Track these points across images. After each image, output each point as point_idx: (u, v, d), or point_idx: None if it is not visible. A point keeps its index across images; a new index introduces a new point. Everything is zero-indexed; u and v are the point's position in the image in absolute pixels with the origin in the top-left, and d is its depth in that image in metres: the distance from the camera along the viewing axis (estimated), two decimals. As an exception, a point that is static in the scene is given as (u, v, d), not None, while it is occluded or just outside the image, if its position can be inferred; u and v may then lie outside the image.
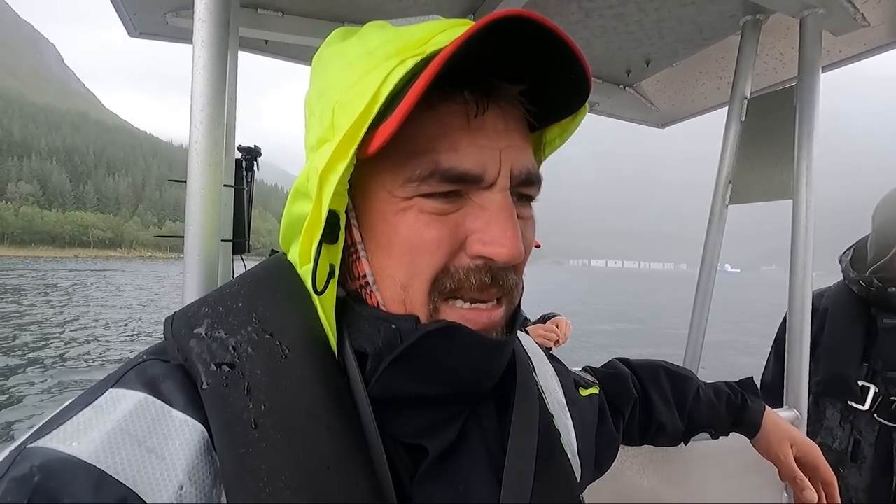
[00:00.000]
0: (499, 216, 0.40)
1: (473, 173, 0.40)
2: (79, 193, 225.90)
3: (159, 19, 1.37)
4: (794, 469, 0.82)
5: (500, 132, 0.41)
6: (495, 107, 0.41)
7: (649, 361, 0.89)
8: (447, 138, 0.40)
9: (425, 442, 0.43)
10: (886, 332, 1.42)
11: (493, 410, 0.49)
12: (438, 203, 0.41)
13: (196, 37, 0.71)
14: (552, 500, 0.48)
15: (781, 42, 1.50)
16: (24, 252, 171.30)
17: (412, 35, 0.41)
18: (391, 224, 0.41)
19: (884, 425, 1.37)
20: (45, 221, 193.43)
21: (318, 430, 0.38)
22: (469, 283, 0.41)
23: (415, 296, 0.41)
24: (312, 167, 0.42)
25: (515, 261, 0.41)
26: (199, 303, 0.44)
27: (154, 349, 0.43)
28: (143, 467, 0.34)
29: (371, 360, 0.42)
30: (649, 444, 0.86)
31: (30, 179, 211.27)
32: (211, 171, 0.71)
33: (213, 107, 0.71)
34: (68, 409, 0.37)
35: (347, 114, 0.39)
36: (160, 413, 0.37)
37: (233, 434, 0.36)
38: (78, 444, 0.33)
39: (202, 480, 0.35)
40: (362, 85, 0.40)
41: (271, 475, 0.35)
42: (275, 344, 0.41)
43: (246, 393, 0.38)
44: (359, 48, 0.43)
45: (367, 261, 0.43)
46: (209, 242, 0.72)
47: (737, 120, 1.43)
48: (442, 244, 0.41)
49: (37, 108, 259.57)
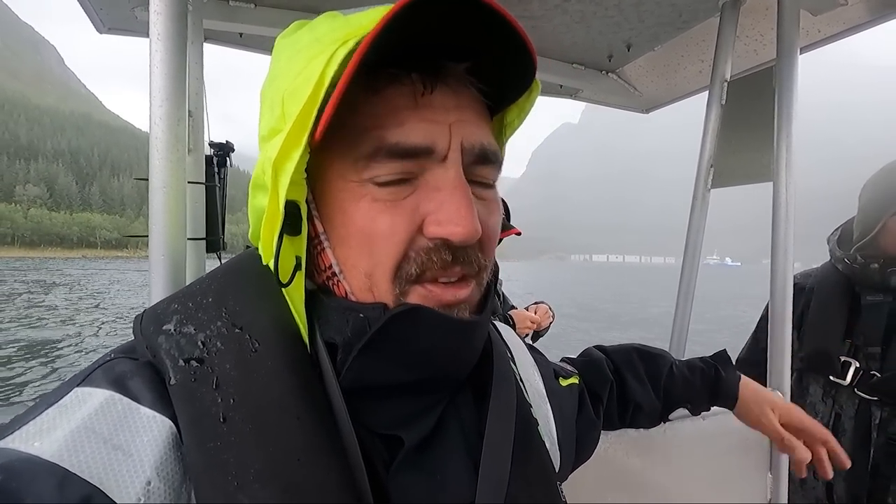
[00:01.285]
0: (452, 195, 0.40)
1: (422, 146, 0.40)
2: (85, 195, 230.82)
3: (127, 14, 1.33)
4: (780, 430, 0.82)
5: (450, 108, 0.41)
6: (444, 86, 0.41)
7: (623, 345, 0.89)
8: (394, 116, 0.40)
9: (400, 432, 0.43)
10: (869, 309, 1.45)
11: (472, 400, 0.49)
12: (391, 187, 0.40)
13: (152, 30, 0.69)
14: (530, 487, 0.48)
15: (761, 23, 1.49)
16: (34, 253, 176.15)
17: (359, 21, 0.41)
18: (348, 214, 0.41)
19: (863, 399, 1.40)
20: (53, 223, 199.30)
21: (288, 422, 0.38)
22: (432, 263, 0.41)
23: (380, 284, 0.41)
24: (266, 158, 0.41)
25: (471, 239, 0.40)
26: (169, 300, 0.44)
27: (122, 348, 0.42)
28: (108, 465, 0.33)
29: (341, 350, 0.42)
30: (629, 426, 0.86)
31: (37, 182, 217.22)
32: (172, 167, 0.69)
33: (173, 102, 0.69)
34: (32, 410, 0.36)
35: (296, 100, 0.39)
36: (127, 410, 0.36)
37: (201, 428, 0.36)
38: (40, 443, 0.33)
39: (171, 476, 0.35)
40: (308, 70, 0.39)
41: (240, 468, 0.35)
42: (244, 338, 0.40)
43: (214, 387, 0.37)
44: (308, 36, 0.43)
45: (331, 251, 0.43)
46: (174, 241, 0.71)
47: (717, 103, 1.43)
48: (397, 231, 0.40)
49: (41, 111, 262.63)
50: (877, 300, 1.44)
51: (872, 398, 1.38)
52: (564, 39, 1.66)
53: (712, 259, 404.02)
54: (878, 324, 1.42)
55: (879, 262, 1.43)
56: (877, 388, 1.37)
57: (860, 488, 1.38)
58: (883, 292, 1.43)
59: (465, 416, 0.48)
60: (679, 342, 1.53)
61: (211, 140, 1.05)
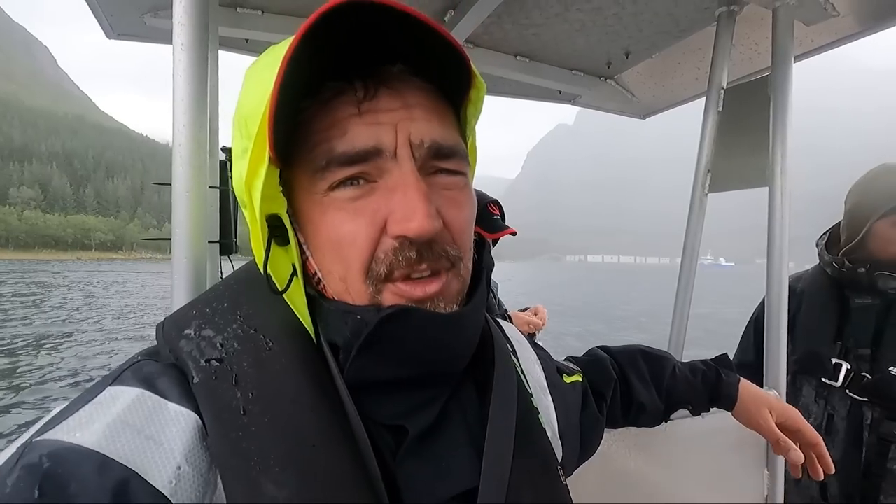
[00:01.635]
0: (405, 193, 0.41)
1: (367, 148, 0.41)
2: (79, 197, 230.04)
3: (137, 20, 1.35)
4: (776, 432, 0.85)
5: (395, 108, 0.42)
6: (387, 89, 0.43)
7: (627, 346, 0.92)
8: (338, 126, 0.42)
9: (405, 422, 0.45)
10: (858, 312, 1.48)
11: (474, 392, 0.52)
12: (350, 192, 0.42)
13: (175, 40, 0.71)
14: (532, 473, 0.50)
15: (756, 32, 1.53)
16: (29, 255, 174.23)
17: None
18: (315, 225, 0.44)
19: (855, 400, 1.43)
20: (47, 225, 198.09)
21: (302, 414, 0.41)
22: (398, 262, 0.42)
23: (354, 286, 0.44)
24: (238, 176, 0.44)
25: (427, 233, 0.41)
26: (188, 307, 0.47)
27: (147, 351, 0.46)
28: (142, 452, 0.36)
29: (342, 350, 0.45)
30: (632, 424, 0.89)
31: (31, 184, 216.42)
32: (195, 173, 0.71)
33: (196, 109, 0.71)
34: (70, 408, 0.40)
35: (254, 120, 0.41)
36: (156, 405, 0.39)
37: (223, 420, 0.39)
38: (81, 434, 0.36)
39: (198, 463, 0.38)
40: (261, 91, 0.41)
41: (261, 455, 0.38)
42: (259, 338, 0.44)
43: (234, 384, 0.41)
44: (266, 58, 0.45)
45: (312, 259, 0.46)
46: (196, 244, 0.73)
47: (714, 110, 1.46)
48: (359, 236, 0.42)
49: (35, 113, 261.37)
50: (865, 303, 1.47)
51: (863, 399, 1.41)
52: (564, 47, 1.69)
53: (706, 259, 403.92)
54: (867, 326, 1.45)
55: (866, 267, 1.46)
56: (867, 390, 1.40)
57: (853, 487, 1.41)
58: (871, 295, 1.46)
59: (468, 408, 0.50)
60: (677, 342, 1.56)
61: (223, 145, 1.07)
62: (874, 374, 1.40)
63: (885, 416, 1.38)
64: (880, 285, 1.43)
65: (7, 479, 0.34)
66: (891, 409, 1.37)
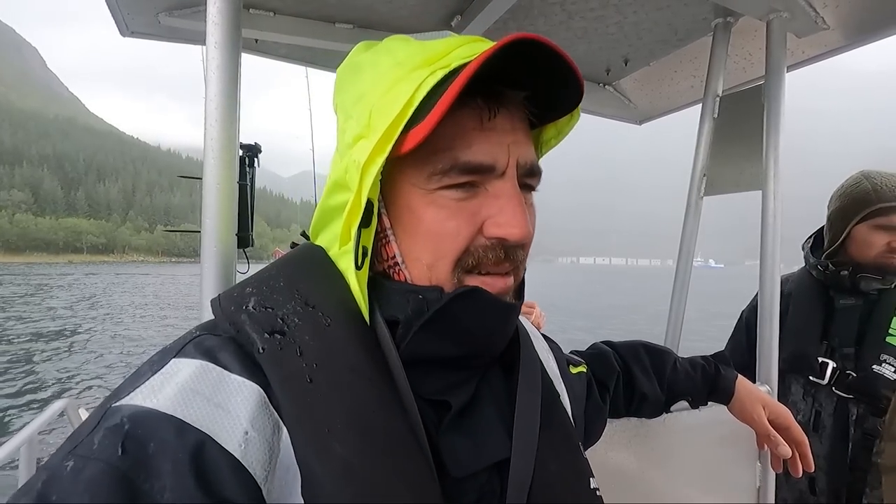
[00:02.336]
0: (510, 203, 0.47)
1: (486, 164, 0.47)
2: (70, 200, 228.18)
3: (151, 19, 1.38)
4: (768, 427, 0.90)
5: (508, 130, 0.48)
6: (504, 110, 0.49)
7: (629, 341, 0.96)
8: (464, 138, 0.46)
9: (447, 397, 0.50)
10: (842, 312, 1.55)
11: (501, 374, 0.57)
12: (457, 193, 0.47)
13: (209, 39, 0.74)
14: (556, 446, 0.56)
15: (750, 43, 1.59)
16: (20, 258, 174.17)
17: (434, 49, 0.48)
18: (416, 215, 0.48)
19: (841, 397, 1.49)
20: (38, 228, 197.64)
21: (361, 382, 0.45)
22: (487, 259, 0.48)
23: (440, 274, 0.48)
24: (352, 161, 0.48)
25: (526, 239, 0.48)
26: (241, 285, 0.50)
27: (204, 326, 0.49)
28: (213, 417, 0.39)
29: (402, 326, 0.49)
30: (633, 414, 0.93)
31: (22, 187, 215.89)
32: (225, 167, 0.75)
33: (227, 106, 0.75)
34: (138, 377, 0.42)
35: (383, 116, 0.45)
36: (220, 376, 0.42)
37: (292, 387, 0.42)
38: (156, 399, 0.39)
39: (263, 429, 0.41)
40: (395, 91, 0.46)
41: (328, 417, 0.42)
42: (317, 315, 0.47)
43: (299, 355, 0.44)
44: (388, 59, 0.50)
45: (395, 244, 0.50)
46: (225, 237, 0.76)
47: (710, 116, 1.52)
48: (461, 232, 0.47)
49: (25, 115, 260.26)
50: (849, 303, 1.54)
51: (849, 396, 1.47)
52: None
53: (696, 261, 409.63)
54: (850, 326, 1.51)
55: (849, 269, 1.53)
56: (852, 387, 1.46)
57: (840, 480, 1.47)
58: (854, 296, 1.53)
59: (495, 388, 0.55)
60: (673, 342, 1.61)
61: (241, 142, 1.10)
62: (858, 373, 1.46)
63: (870, 411, 1.44)
64: (862, 287, 1.50)
65: (93, 437, 0.37)
66: (875, 405, 1.43)
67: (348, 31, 1.56)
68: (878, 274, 1.48)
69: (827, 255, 1.61)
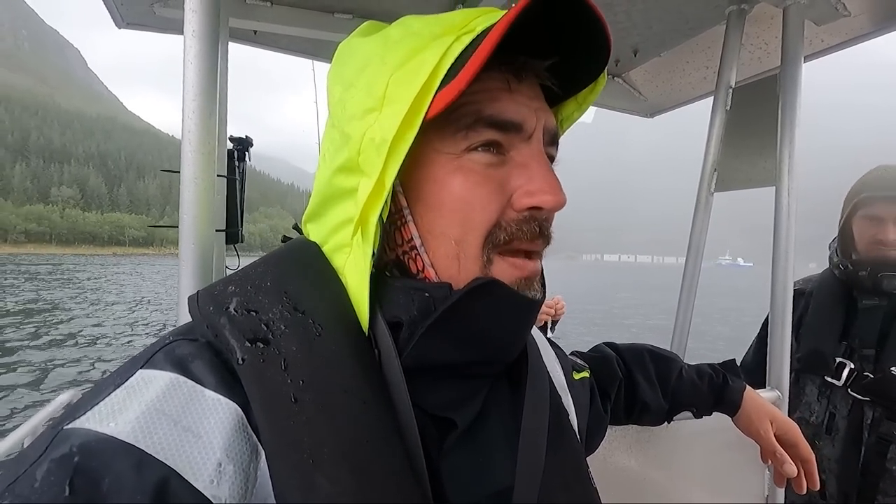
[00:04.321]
0: (540, 168, 0.44)
1: (515, 121, 0.43)
2: (113, 196, 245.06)
3: (147, 9, 1.36)
4: (774, 444, 0.85)
5: (533, 97, 0.46)
6: (532, 78, 0.46)
7: (635, 345, 0.92)
8: (489, 93, 0.43)
9: (453, 415, 0.44)
10: (864, 312, 1.49)
11: (508, 389, 0.52)
12: (485, 155, 0.43)
13: (187, 27, 0.71)
14: (564, 475, 0.50)
15: (766, 32, 1.52)
16: (70, 250, 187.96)
17: (452, 20, 0.44)
18: (442, 183, 0.43)
19: (856, 399, 1.43)
20: (86, 222, 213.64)
21: (354, 405, 0.39)
22: (521, 234, 0.44)
23: (469, 250, 0.43)
24: (368, 140, 0.42)
25: (560, 206, 0.44)
26: (224, 282, 0.44)
27: (180, 330, 0.43)
28: (180, 446, 0.34)
29: (405, 329, 0.43)
30: (634, 423, 0.89)
31: (70, 184, 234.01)
32: (204, 160, 0.72)
33: (206, 97, 0.72)
34: (98, 391, 0.37)
35: (407, 86, 0.41)
36: (192, 393, 0.37)
37: (273, 408, 0.37)
38: (115, 424, 0.34)
39: (239, 457, 0.36)
40: (417, 61, 0.42)
41: (314, 447, 0.36)
42: (308, 322, 0.41)
43: (283, 369, 0.38)
44: (400, 30, 0.46)
45: (413, 224, 0.44)
46: (203, 232, 0.73)
47: (722, 109, 1.46)
48: (492, 200, 0.43)
49: (70, 116, 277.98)
50: (872, 304, 1.48)
51: (865, 399, 1.42)
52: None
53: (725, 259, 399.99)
54: (872, 326, 1.46)
55: (867, 269, 1.47)
56: (869, 389, 1.40)
57: (850, 485, 1.42)
58: (878, 296, 1.47)
59: (501, 403, 0.49)
60: (680, 340, 1.56)
61: (231, 135, 1.07)
62: (876, 374, 1.40)
63: (886, 415, 1.38)
64: (885, 286, 1.44)
65: (36, 472, 0.31)
66: (891, 408, 1.37)
67: (347, 20, 1.52)
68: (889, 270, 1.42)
69: (843, 255, 1.56)
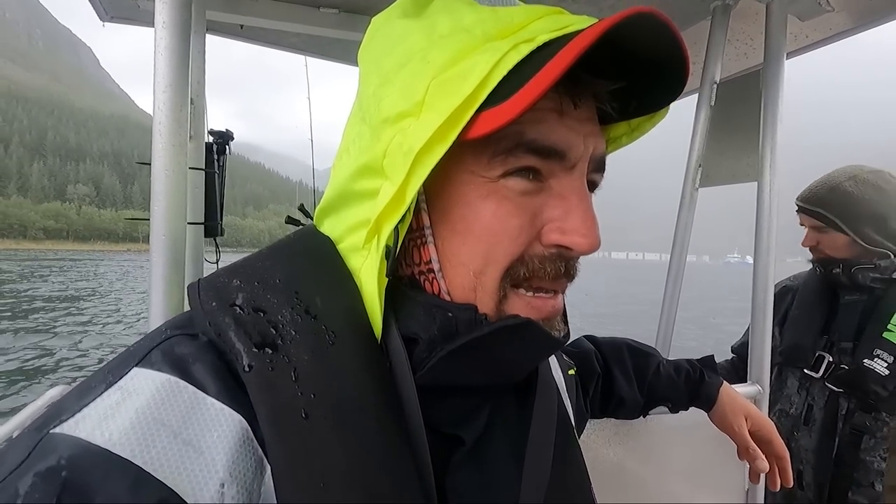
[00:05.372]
0: (580, 205, 0.39)
1: (558, 148, 0.38)
2: (127, 194, 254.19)
3: (130, 3, 1.35)
4: (748, 440, 0.85)
5: (586, 120, 0.41)
6: (587, 100, 0.41)
7: (615, 339, 0.92)
8: (536, 113, 0.37)
9: (461, 432, 0.43)
10: (844, 308, 1.52)
11: (514, 402, 0.50)
12: (522, 182, 0.39)
13: (157, 18, 0.71)
14: (567, 491, 0.50)
15: (751, 27, 1.52)
16: (86, 247, 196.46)
17: (510, 18, 0.38)
18: (473, 208, 0.39)
19: (833, 391, 1.46)
20: (102, 219, 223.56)
21: (367, 423, 0.37)
22: (544, 272, 0.40)
23: (487, 283, 0.40)
24: (396, 145, 0.38)
25: (594, 250, 0.39)
26: (228, 274, 0.41)
27: (178, 322, 0.40)
28: (181, 463, 0.31)
29: (423, 347, 0.40)
30: (609, 416, 0.89)
31: (86, 182, 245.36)
32: (175, 152, 0.72)
33: (176, 89, 0.72)
34: (88, 389, 0.34)
35: (448, 95, 0.36)
36: (193, 400, 0.34)
37: (283, 423, 0.34)
38: (108, 433, 0.31)
39: (243, 476, 0.33)
40: (465, 65, 0.36)
41: (326, 469, 0.34)
42: (320, 328, 0.38)
43: (294, 380, 0.35)
44: (449, 22, 0.40)
45: (434, 246, 0.41)
46: (174, 224, 0.73)
47: (706, 104, 1.46)
48: (522, 233, 0.39)
49: (85, 115, 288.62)
50: (853, 298, 1.51)
51: (840, 390, 1.45)
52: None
53: (733, 257, 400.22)
54: (851, 320, 1.48)
55: (840, 267, 1.49)
56: (843, 381, 1.44)
57: (825, 475, 1.45)
58: (859, 291, 1.49)
59: (508, 417, 0.47)
60: (665, 337, 1.57)
61: (211, 128, 1.07)
62: (852, 367, 1.43)
63: (859, 406, 1.41)
64: (861, 280, 1.46)
65: (18, 484, 0.28)
66: (863, 399, 1.40)
67: (333, 15, 1.52)
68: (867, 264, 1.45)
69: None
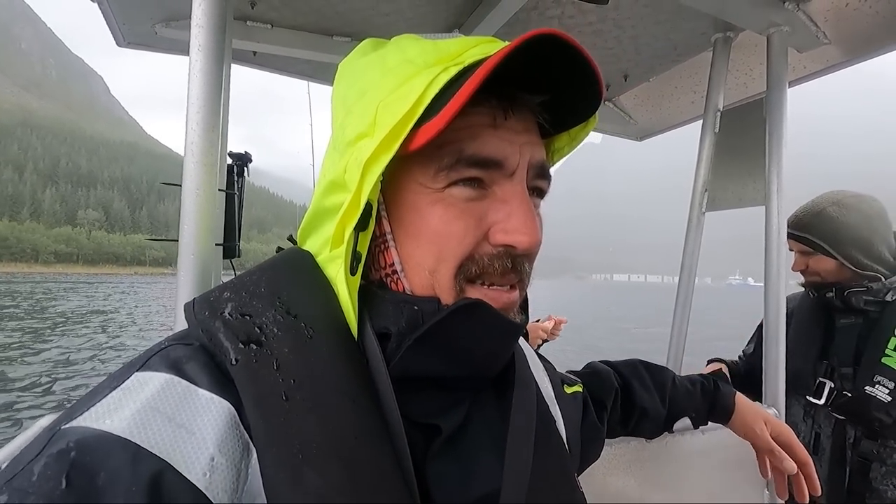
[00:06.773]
0: (519, 208, 0.44)
1: (495, 159, 0.44)
2: (135, 219, 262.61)
3: (148, 30, 1.37)
4: (770, 442, 0.85)
5: (521, 132, 0.46)
6: (518, 112, 0.46)
7: (627, 360, 0.93)
8: (471, 130, 0.43)
9: (438, 421, 0.46)
10: (841, 332, 1.50)
11: (493, 397, 0.53)
12: (465, 190, 0.44)
13: (193, 42, 0.73)
14: (551, 477, 0.51)
15: (751, 58, 1.58)
16: (94, 269, 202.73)
17: (448, 48, 0.45)
18: (422, 215, 0.44)
19: (838, 419, 1.44)
20: (111, 243, 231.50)
21: (344, 404, 0.40)
22: (493, 269, 0.44)
23: (442, 280, 0.44)
24: (353, 160, 0.44)
25: (534, 248, 0.44)
26: (220, 289, 0.45)
27: (176, 336, 0.44)
28: (174, 441, 0.35)
29: (393, 339, 0.44)
30: (633, 433, 0.88)
31: (96, 207, 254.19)
32: (206, 173, 0.72)
33: (209, 111, 0.73)
34: (96, 393, 0.38)
35: (391, 113, 0.42)
36: (186, 392, 0.38)
37: (265, 406, 0.38)
38: (111, 421, 0.35)
39: (231, 453, 0.37)
40: (406, 88, 0.43)
41: (304, 443, 0.37)
42: (299, 325, 0.43)
43: (275, 369, 0.39)
44: (397, 56, 0.47)
45: (395, 250, 0.46)
46: (204, 246, 0.73)
47: (711, 131, 1.50)
48: (468, 234, 0.44)
49: (96, 141, 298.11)
50: (849, 322, 1.49)
51: (842, 418, 1.43)
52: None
53: (735, 279, 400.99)
54: (849, 345, 1.46)
55: (832, 290, 1.49)
56: (845, 409, 1.42)
57: None
58: (854, 314, 1.48)
59: (488, 411, 0.50)
60: (676, 358, 1.56)
61: (230, 150, 1.08)
62: (853, 393, 1.41)
63: (865, 434, 1.39)
64: (854, 303, 1.45)
65: (33, 467, 0.32)
66: (868, 427, 1.38)
67: (346, 44, 1.56)
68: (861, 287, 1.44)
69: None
